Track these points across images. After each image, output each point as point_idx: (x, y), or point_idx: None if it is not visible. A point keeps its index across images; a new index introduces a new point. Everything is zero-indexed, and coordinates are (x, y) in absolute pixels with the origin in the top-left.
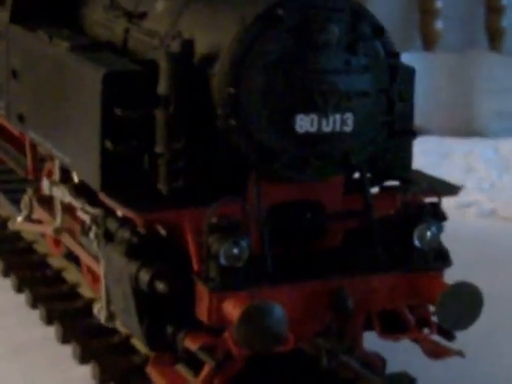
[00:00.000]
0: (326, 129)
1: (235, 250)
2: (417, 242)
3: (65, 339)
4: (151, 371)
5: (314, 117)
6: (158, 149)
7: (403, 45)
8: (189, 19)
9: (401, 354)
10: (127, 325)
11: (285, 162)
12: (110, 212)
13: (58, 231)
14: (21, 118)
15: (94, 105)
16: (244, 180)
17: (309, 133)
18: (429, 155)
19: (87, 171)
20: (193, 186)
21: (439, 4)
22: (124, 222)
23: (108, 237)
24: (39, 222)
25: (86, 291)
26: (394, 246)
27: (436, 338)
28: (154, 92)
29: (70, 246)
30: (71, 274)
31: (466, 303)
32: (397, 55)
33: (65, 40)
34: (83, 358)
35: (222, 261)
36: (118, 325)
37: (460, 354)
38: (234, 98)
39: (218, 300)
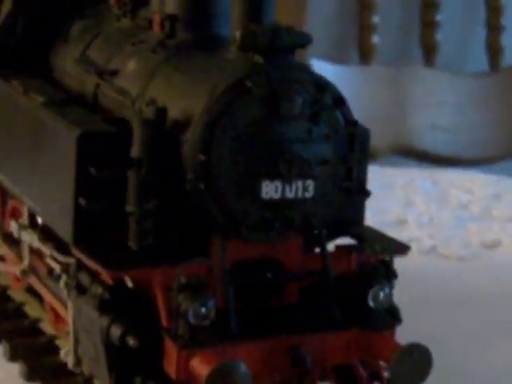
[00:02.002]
0: (289, 195)
1: (203, 310)
2: (371, 303)
3: (30, 377)
4: None
5: (278, 184)
6: (129, 208)
7: (341, 58)
8: (160, 83)
9: None
10: (95, 372)
11: (249, 225)
12: (80, 263)
13: (25, 273)
14: None
15: (69, 163)
16: (207, 239)
17: (273, 199)
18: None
19: (59, 224)
20: (161, 244)
21: (376, 19)
22: (96, 276)
23: (79, 289)
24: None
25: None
26: (349, 304)
27: None
28: (126, 152)
29: (36, 286)
30: (33, 309)
31: (417, 363)
32: (355, 123)
33: (39, 94)
34: None
35: (191, 319)
36: (85, 369)
37: None
38: (204, 164)
39: (186, 356)
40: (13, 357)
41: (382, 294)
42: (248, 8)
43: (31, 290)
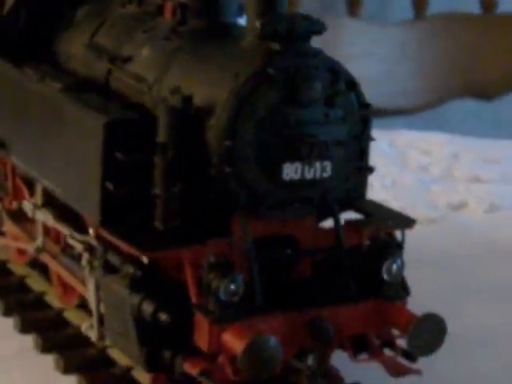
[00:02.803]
0: (308, 176)
1: (232, 287)
2: (385, 276)
3: (45, 349)
4: None
5: (298, 165)
6: (156, 190)
7: None
8: (178, 70)
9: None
10: (123, 347)
11: (270, 205)
12: (108, 244)
13: (39, 250)
14: (2, 144)
15: (95, 149)
16: (228, 220)
17: (293, 180)
18: None
19: (85, 206)
20: (185, 224)
21: None
22: (127, 257)
23: (107, 268)
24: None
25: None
26: (363, 277)
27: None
28: (149, 138)
29: (49, 263)
30: (36, 283)
31: (433, 332)
32: (367, 106)
33: (55, 80)
34: (66, 369)
35: (222, 296)
36: (112, 344)
37: (418, 372)
38: (230, 149)
39: (218, 331)
40: (24, 329)
41: (394, 267)
42: None
43: (32, 264)
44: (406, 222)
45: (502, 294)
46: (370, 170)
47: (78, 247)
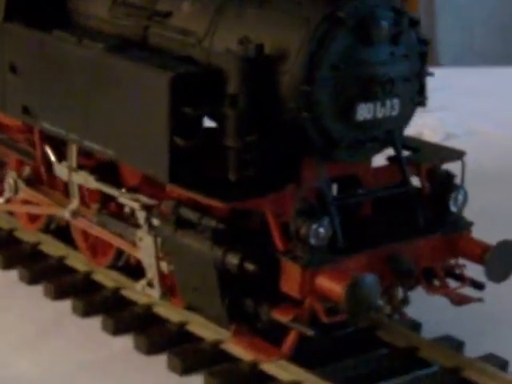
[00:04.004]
0: (379, 114)
1: (321, 230)
2: (452, 207)
3: (86, 313)
4: (235, 343)
5: (371, 105)
6: (228, 142)
7: None
8: (231, 21)
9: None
10: (199, 302)
11: (344, 147)
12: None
13: (75, 213)
14: (26, 110)
15: (161, 105)
16: (297, 166)
17: (365, 120)
18: None
19: (149, 164)
20: (259, 174)
21: None
22: (205, 210)
23: (179, 224)
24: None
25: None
26: (431, 210)
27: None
28: (214, 90)
29: (84, 225)
30: (51, 248)
31: (506, 258)
32: (427, 42)
33: (94, 41)
34: (116, 331)
35: (312, 241)
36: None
37: (480, 300)
38: (307, 94)
39: (310, 276)
40: (58, 296)
41: (460, 197)
42: None
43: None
44: (458, 154)
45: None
46: (425, 104)
47: (134, 206)
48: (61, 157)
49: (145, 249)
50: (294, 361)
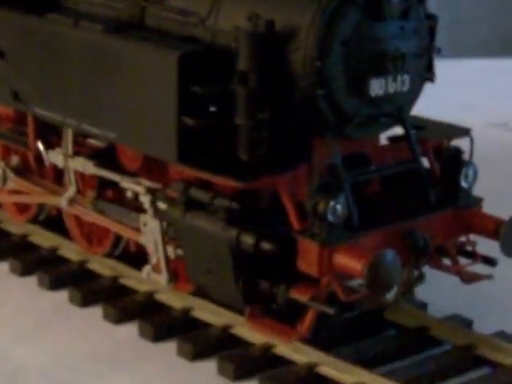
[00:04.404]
0: (391, 90)
1: (340, 208)
2: (463, 182)
3: (85, 303)
4: (250, 324)
5: (383, 80)
6: (239, 120)
7: None
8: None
9: None
10: (211, 284)
11: (357, 123)
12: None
13: (72, 201)
14: (17, 97)
15: (168, 85)
16: (308, 144)
17: (378, 95)
18: None
19: (156, 146)
20: (270, 152)
21: None
22: (216, 191)
23: (189, 205)
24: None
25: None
26: (441, 187)
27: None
28: (222, 69)
29: (81, 213)
30: (41, 238)
31: None
32: (434, 17)
33: (90, 22)
34: (119, 319)
35: (330, 218)
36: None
37: (490, 277)
38: (320, 70)
39: (328, 253)
40: (53, 286)
41: (471, 173)
42: None
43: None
44: (463, 131)
45: None
46: (433, 79)
47: (138, 190)
48: (51, 145)
49: (150, 234)
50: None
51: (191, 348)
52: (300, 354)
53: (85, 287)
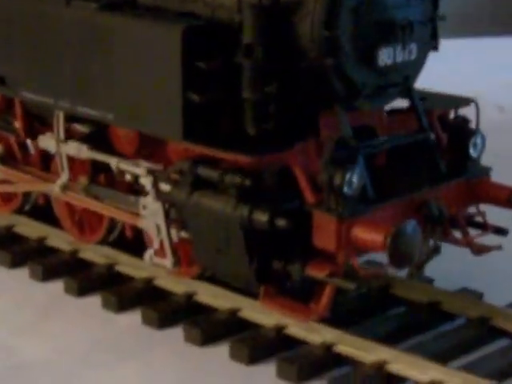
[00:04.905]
0: (399, 59)
1: (355, 179)
2: (472, 152)
3: (81, 292)
4: (266, 304)
5: (391, 49)
6: (245, 94)
7: None
8: None
9: None
10: (221, 266)
11: (367, 94)
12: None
13: (65, 188)
14: (2, 81)
15: (172, 60)
16: (315, 117)
17: (387, 65)
18: None
19: (159, 124)
20: (277, 126)
21: None
22: (228, 168)
23: (196, 184)
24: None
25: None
26: (450, 157)
27: None
28: (226, 43)
29: (75, 200)
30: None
31: None
32: None
33: (85, 1)
34: (121, 307)
35: (347, 190)
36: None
37: (500, 247)
38: (330, 39)
39: (346, 227)
40: (47, 277)
41: (479, 141)
42: None
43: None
44: (468, 100)
45: None
46: (437, 48)
47: (138, 172)
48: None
49: (150, 217)
50: None
51: (200, 333)
52: (315, 333)
53: (80, 276)
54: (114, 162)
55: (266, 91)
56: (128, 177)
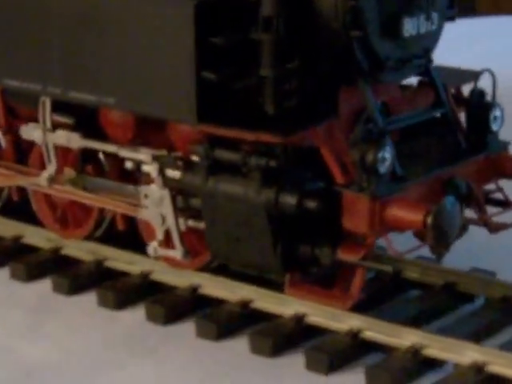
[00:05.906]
0: (422, 30)
1: (387, 157)
2: (493, 125)
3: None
4: (293, 292)
5: (415, 20)
6: (264, 72)
7: None
8: None
9: None
10: (239, 254)
11: (391, 67)
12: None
13: (52, 180)
14: None
15: (184, 37)
16: (334, 93)
17: (411, 36)
18: None
19: (169, 108)
20: (298, 104)
21: None
22: (251, 149)
23: (212, 169)
24: None
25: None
26: (469, 132)
27: None
28: (241, 18)
29: (61, 192)
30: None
31: None
32: None
33: None
34: (121, 304)
35: (380, 169)
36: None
37: None
38: (355, 9)
39: (381, 207)
40: (30, 277)
41: (498, 114)
42: None
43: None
44: (479, 74)
45: None
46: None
47: (142, 158)
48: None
49: (154, 206)
50: None
51: (214, 328)
52: (337, 321)
53: (69, 274)
54: (112, 149)
55: (288, 67)
56: (129, 164)
